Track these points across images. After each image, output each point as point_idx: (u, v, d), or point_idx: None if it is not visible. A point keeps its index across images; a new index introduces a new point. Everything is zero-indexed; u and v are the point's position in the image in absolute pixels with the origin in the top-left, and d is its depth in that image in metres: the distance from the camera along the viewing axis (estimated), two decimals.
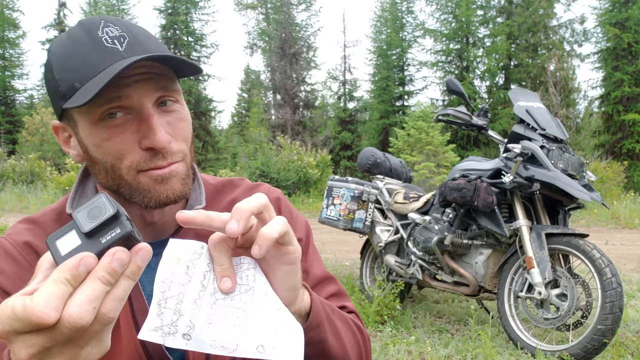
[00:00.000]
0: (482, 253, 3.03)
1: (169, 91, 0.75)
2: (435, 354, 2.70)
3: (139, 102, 0.71)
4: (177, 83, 0.78)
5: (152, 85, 0.72)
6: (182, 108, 0.78)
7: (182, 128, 0.77)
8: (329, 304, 0.79)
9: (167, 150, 0.74)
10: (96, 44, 0.71)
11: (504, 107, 18.63)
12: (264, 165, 13.63)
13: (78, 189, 0.85)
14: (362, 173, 3.96)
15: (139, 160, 0.73)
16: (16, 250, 0.78)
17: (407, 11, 23.40)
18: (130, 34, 0.73)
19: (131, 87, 0.70)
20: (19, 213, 9.95)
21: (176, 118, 0.76)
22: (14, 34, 26.22)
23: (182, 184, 0.77)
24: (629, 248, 6.36)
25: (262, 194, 0.61)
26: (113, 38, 0.71)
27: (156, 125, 0.72)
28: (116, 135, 0.72)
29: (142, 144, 0.72)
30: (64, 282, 0.45)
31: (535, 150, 2.75)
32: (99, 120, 0.72)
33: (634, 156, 17.10)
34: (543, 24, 19.52)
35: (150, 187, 0.75)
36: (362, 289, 3.81)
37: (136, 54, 0.71)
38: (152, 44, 0.75)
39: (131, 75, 0.70)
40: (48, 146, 19.65)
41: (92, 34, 0.72)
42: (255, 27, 26.87)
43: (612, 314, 2.44)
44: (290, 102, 20.87)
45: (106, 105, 0.70)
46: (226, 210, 0.88)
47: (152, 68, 0.72)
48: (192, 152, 0.81)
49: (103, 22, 0.73)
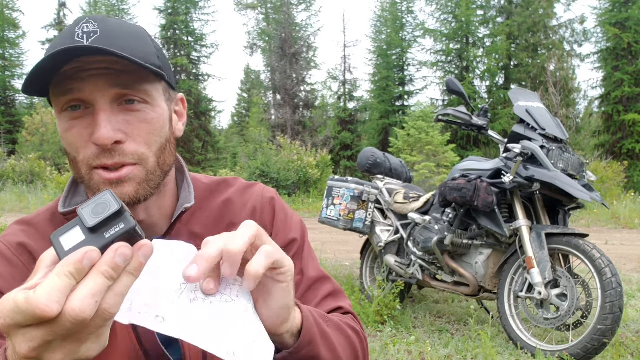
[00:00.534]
0: (482, 253, 3.03)
1: (131, 90, 0.72)
2: (435, 354, 2.70)
3: (92, 96, 0.71)
4: (154, 84, 0.76)
5: (108, 81, 0.71)
6: (151, 110, 0.75)
7: (144, 130, 0.74)
8: (322, 315, 0.78)
9: (113, 149, 0.71)
10: (67, 38, 0.71)
11: (504, 107, 18.63)
12: (264, 165, 13.63)
13: (71, 189, 0.85)
14: (362, 173, 3.96)
15: (90, 155, 0.72)
16: (10, 252, 0.78)
17: (407, 11, 23.41)
18: (105, 31, 0.71)
19: (85, 81, 0.70)
20: (19, 213, 9.94)
21: (138, 118, 0.73)
22: (14, 34, 26.22)
23: (138, 188, 0.75)
24: (629, 248, 6.36)
25: (251, 224, 0.60)
26: (84, 33, 0.71)
27: (101, 121, 0.70)
28: (73, 128, 0.73)
29: (92, 139, 0.72)
30: (67, 276, 0.45)
31: (535, 150, 2.75)
32: (62, 111, 0.73)
33: (634, 156, 17.11)
34: (543, 24, 19.52)
35: (99, 187, 0.74)
36: (362, 289, 3.81)
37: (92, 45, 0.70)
38: (125, 41, 0.71)
39: (87, 69, 0.70)
40: (48, 146, 19.64)
41: (70, 29, 0.72)
42: (255, 27, 26.89)
43: (612, 314, 2.44)
44: (290, 102, 20.87)
45: (62, 96, 0.71)
46: (220, 209, 0.90)
47: (114, 65, 0.70)
48: (163, 157, 0.78)
49: (87, 19, 0.72)
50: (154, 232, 0.85)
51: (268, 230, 0.89)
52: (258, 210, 0.91)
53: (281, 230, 0.91)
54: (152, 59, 0.75)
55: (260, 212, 0.91)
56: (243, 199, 0.91)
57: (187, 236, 0.85)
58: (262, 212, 0.91)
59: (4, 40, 25.56)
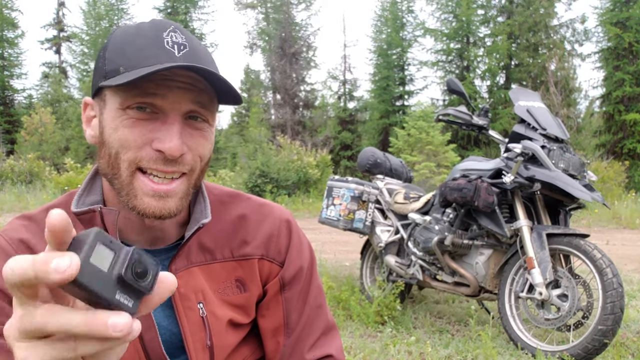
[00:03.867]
0: (482, 253, 3.02)
1: (203, 108, 0.76)
2: (435, 354, 2.69)
3: (171, 106, 0.73)
4: (216, 106, 0.78)
5: (190, 97, 0.73)
6: (209, 129, 0.78)
7: (202, 145, 0.77)
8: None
9: (175, 159, 0.74)
10: (156, 42, 0.72)
11: (505, 107, 18.62)
12: (263, 165, 13.61)
13: (86, 188, 0.84)
14: (362, 173, 3.95)
15: (144, 156, 0.73)
16: (11, 247, 0.78)
17: (408, 11, 23.38)
18: (192, 46, 0.75)
19: (171, 90, 0.72)
20: (17, 213, 9.91)
21: (200, 134, 0.77)
22: (13, 34, 26.21)
23: (178, 203, 0.76)
24: (630, 248, 6.35)
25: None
26: (174, 43, 0.73)
27: (175, 132, 0.72)
28: (135, 127, 0.73)
29: (154, 145, 0.72)
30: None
31: (536, 150, 2.74)
32: (127, 108, 0.73)
33: (635, 156, 17.10)
34: (544, 24, 19.50)
35: (139, 195, 0.74)
36: (362, 289, 3.80)
37: (189, 63, 0.72)
38: (209, 62, 0.76)
39: (175, 79, 0.72)
40: (47, 146, 19.63)
41: (157, 32, 0.73)
42: (255, 27, 26.85)
43: (613, 314, 2.43)
44: (290, 102, 20.86)
45: (140, 97, 0.72)
46: (234, 224, 0.91)
47: (197, 82, 0.73)
48: (203, 172, 0.81)
49: (172, 27, 0.75)
50: (164, 241, 0.85)
51: (282, 256, 0.92)
52: (275, 236, 0.92)
53: (295, 258, 0.93)
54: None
55: (276, 238, 0.92)
56: (258, 218, 0.92)
57: (197, 249, 0.86)
58: (279, 238, 0.92)
59: (3, 39, 25.55)
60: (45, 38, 29.32)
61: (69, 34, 28.85)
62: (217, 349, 0.85)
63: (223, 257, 0.87)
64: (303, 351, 0.90)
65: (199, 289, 0.84)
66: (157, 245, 0.84)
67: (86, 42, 26.09)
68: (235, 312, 0.88)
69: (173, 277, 0.48)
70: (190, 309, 0.83)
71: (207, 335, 0.84)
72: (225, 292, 0.87)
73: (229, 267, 0.88)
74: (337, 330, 0.97)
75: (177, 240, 0.86)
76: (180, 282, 0.82)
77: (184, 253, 0.83)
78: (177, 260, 0.83)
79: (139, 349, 0.80)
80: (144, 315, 0.78)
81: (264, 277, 0.91)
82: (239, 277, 0.88)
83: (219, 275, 0.87)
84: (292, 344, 0.90)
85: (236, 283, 0.88)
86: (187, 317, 0.83)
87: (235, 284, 0.88)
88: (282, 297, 0.91)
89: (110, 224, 0.76)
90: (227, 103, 0.79)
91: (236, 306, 0.88)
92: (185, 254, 0.84)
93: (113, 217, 0.76)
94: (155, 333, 0.81)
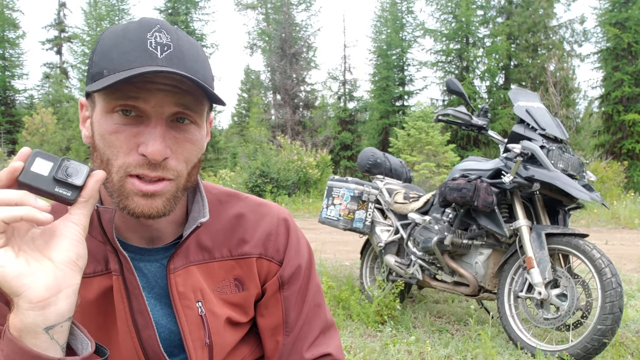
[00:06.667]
0: (482, 253, 3.03)
1: (189, 110, 0.75)
2: (435, 354, 2.70)
3: (154, 109, 0.72)
4: (205, 106, 0.78)
5: (173, 100, 0.73)
6: (197, 131, 0.78)
7: (187, 149, 0.77)
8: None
9: (158, 163, 0.73)
10: (140, 44, 0.72)
11: (504, 107, 18.62)
12: (264, 165, 13.61)
13: None
14: (362, 173, 3.95)
15: (131, 162, 0.73)
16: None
17: (407, 11, 23.39)
18: (177, 47, 0.74)
19: (153, 93, 0.71)
20: None
21: (185, 137, 0.76)
22: (14, 34, 26.24)
23: (167, 203, 0.76)
24: (628, 248, 6.36)
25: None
26: (158, 44, 0.72)
27: (157, 136, 0.72)
28: (120, 132, 0.73)
29: (140, 149, 0.73)
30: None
31: (535, 151, 2.75)
32: (111, 112, 0.73)
33: (634, 156, 17.11)
34: (543, 24, 19.51)
35: (130, 195, 0.75)
36: (362, 289, 3.81)
37: (172, 65, 0.71)
38: (195, 63, 0.75)
39: (157, 82, 0.71)
40: (48, 146, 19.64)
41: (142, 33, 0.73)
42: (255, 27, 26.89)
43: (612, 314, 2.44)
44: (290, 102, 20.85)
45: (123, 100, 0.72)
46: (231, 223, 0.91)
47: (181, 84, 0.73)
48: (192, 175, 0.80)
49: (158, 27, 0.74)
50: (162, 240, 0.85)
51: (280, 255, 0.92)
52: (273, 235, 0.92)
53: (293, 257, 0.93)
54: (212, 83, 0.78)
55: (275, 236, 0.92)
56: (256, 216, 0.92)
57: (196, 248, 0.86)
58: (277, 237, 0.93)
59: (4, 40, 25.56)
60: (47, 38, 29.36)
61: (70, 34, 28.88)
62: (216, 348, 0.86)
63: (221, 256, 0.88)
64: (302, 350, 0.90)
65: (198, 287, 0.84)
66: (155, 244, 0.85)
67: (87, 42, 26.10)
68: (233, 311, 0.89)
69: (102, 172, 0.68)
70: (189, 307, 0.83)
71: (206, 334, 0.84)
72: (224, 291, 0.88)
73: (227, 266, 0.88)
74: (335, 328, 0.97)
75: (176, 239, 0.86)
76: (179, 280, 0.83)
77: (182, 252, 0.84)
78: (175, 259, 0.83)
79: (137, 347, 0.81)
80: (140, 307, 0.80)
81: (262, 276, 0.91)
82: (237, 276, 0.89)
83: (218, 274, 0.87)
84: (291, 342, 0.90)
85: (235, 282, 0.89)
86: (186, 315, 0.83)
87: (234, 282, 0.89)
88: (281, 296, 0.91)
89: (107, 222, 0.76)
90: (216, 103, 0.78)
91: (235, 305, 0.89)
92: (183, 253, 0.84)
93: (110, 215, 0.76)
94: (153, 331, 0.82)
